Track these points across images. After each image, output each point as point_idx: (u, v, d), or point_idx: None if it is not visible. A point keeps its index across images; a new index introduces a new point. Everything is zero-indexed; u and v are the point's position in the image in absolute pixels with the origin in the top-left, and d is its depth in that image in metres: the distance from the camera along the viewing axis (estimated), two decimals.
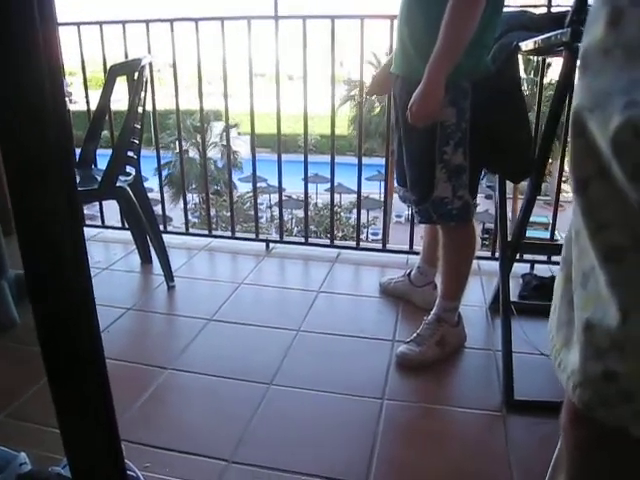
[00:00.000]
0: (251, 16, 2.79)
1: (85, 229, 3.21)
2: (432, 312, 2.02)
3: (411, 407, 1.74)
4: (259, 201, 21.02)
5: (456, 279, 2.01)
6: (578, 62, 0.60)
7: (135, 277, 2.72)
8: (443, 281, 2.02)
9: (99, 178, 2.45)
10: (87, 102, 3.02)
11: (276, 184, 3.02)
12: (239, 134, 20.70)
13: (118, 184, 2.31)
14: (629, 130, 0.49)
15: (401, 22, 1.82)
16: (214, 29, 2.88)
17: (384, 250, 2.90)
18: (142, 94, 2.36)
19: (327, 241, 3.05)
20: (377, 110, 23.37)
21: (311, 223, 17.58)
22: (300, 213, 16.48)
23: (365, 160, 3.04)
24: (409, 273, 2.41)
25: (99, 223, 3.33)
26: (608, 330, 0.57)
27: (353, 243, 3.01)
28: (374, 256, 2.91)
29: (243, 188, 17.97)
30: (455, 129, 1.76)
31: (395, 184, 2.31)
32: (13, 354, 2.06)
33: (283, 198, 3.23)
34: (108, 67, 2.50)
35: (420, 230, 2.42)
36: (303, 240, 3.02)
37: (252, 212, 16.48)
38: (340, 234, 16.38)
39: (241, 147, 19.21)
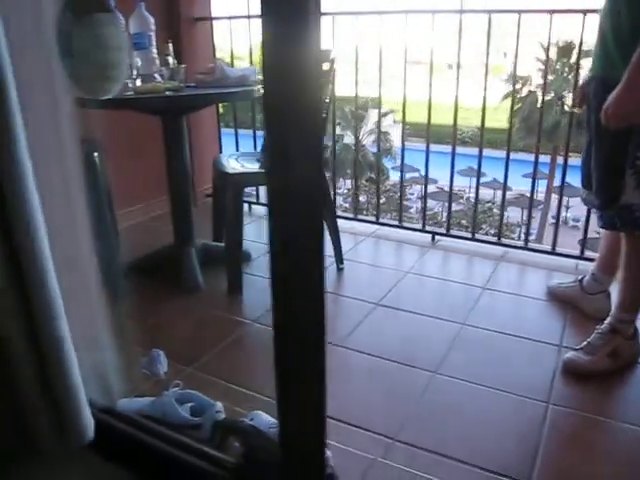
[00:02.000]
0: (436, 10, 2.82)
1: (257, 207, 3.44)
2: (606, 321, 1.95)
3: (577, 415, 1.71)
4: (410, 191, 21.05)
5: (636, 290, 1.93)
6: None
7: None
8: (621, 291, 1.94)
9: None
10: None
11: (430, 175, 3.04)
12: (394, 122, 20.68)
13: None
14: None
15: (603, 14, 1.72)
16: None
17: (553, 253, 2.82)
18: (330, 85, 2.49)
19: (494, 238, 3.03)
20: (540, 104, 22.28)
21: (464, 218, 17.22)
22: (454, 206, 16.22)
23: (524, 156, 2.98)
24: (581, 279, 2.33)
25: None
26: None
27: (521, 242, 2.96)
28: (541, 258, 2.85)
29: (396, 176, 17.99)
30: None
31: (580, 185, 2.23)
32: (197, 315, 2.30)
33: (435, 190, 3.27)
34: None
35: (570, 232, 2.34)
36: (470, 235, 3.02)
37: (405, 202, 16.49)
38: (492, 231, 15.90)
39: (397, 135, 19.19)
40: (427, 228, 3.14)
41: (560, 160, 18.49)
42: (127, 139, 2.87)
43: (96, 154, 2.10)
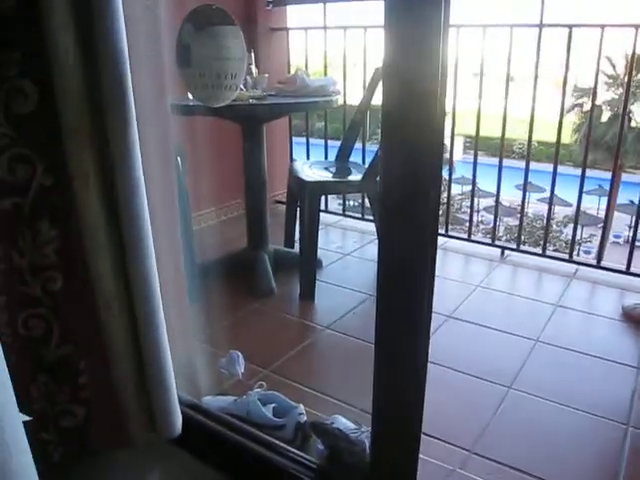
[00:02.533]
0: (543, 24, 2.75)
1: (325, 215, 3.48)
2: None
3: None
4: (467, 204, 20.73)
5: None
6: None
7: (374, 265, 2.90)
8: None
9: (354, 171, 2.66)
10: (344, 98, 3.26)
11: (486, 189, 3.02)
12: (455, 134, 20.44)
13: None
14: None
15: None
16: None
17: (627, 273, 2.76)
18: None
19: (565, 255, 2.98)
20: (604, 119, 21.66)
21: (522, 233, 16.84)
22: (511, 220, 15.91)
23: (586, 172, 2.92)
24: None
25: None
26: None
27: (593, 260, 2.91)
28: (614, 277, 2.78)
29: (454, 189, 17.80)
30: None
31: None
32: (272, 319, 2.35)
33: (492, 204, 3.23)
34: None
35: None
36: (540, 251, 2.98)
37: (459, 215, 16.30)
38: (552, 248, 15.54)
39: (455, 147, 18.98)
40: (496, 242, 3.11)
41: (625, 177, 17.88)
42: (204, 143, 2.95)
43: (179, 158, 2.18)
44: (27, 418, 1.03)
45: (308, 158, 3.42)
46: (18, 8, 0.86)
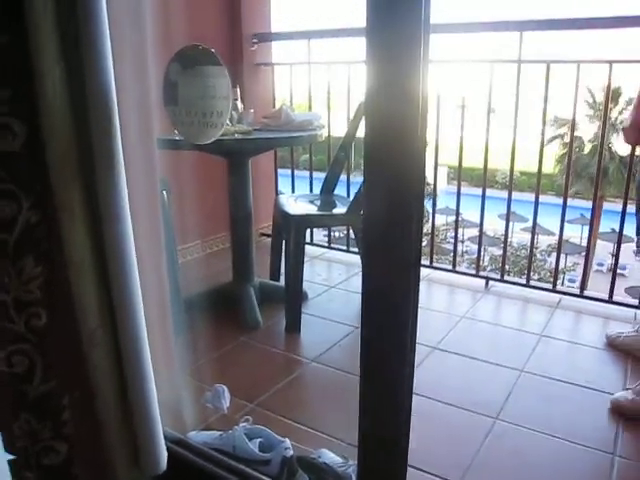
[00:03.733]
0: (522, 60, 2.80)
1: (310, 248, 3.50)
2: None
3: None
4: (451, 234, 20.90)
5: None
6: None
7: (359, 297, 2.90)
8: None
9: (339, 204, 2.69)
10: (329, 131, 3.30)
11: (470, 218, 3.05)
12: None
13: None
14: None
15: None
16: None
17: (610, 301, 2.79)
18: None
19: (549, 285, 3.01)
20: (587, 150, 22.06)
21: (507, 262, 16.95)
22: (495, 250, 16.02)
23: (568, 202, 2.97)
24: None
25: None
26: None
27: (576, 290, 2.94)
28: (598, 306, 2.81)
29: (438, 220, 17.92)
30: None
31: (634, 235, 2.24)
32: (258, 352, 2.34)
33: (476, 234, 3.27)
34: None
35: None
36: (524, 282, 3.01)
37: (444, 245, 16.40)
38: (536, 277, 15.66)
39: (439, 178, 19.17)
40: (481, 273, 3.14)
41: (607, 206, 18.11)
42: (189, 176, 2.97)
43: (164, 191, 2.19)
44: (11, 457, 1.02)
45: (293, 191, 3.45)
46: (9, 46, 0.88)
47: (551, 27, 2.75)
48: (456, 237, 3.48)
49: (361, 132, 2.65)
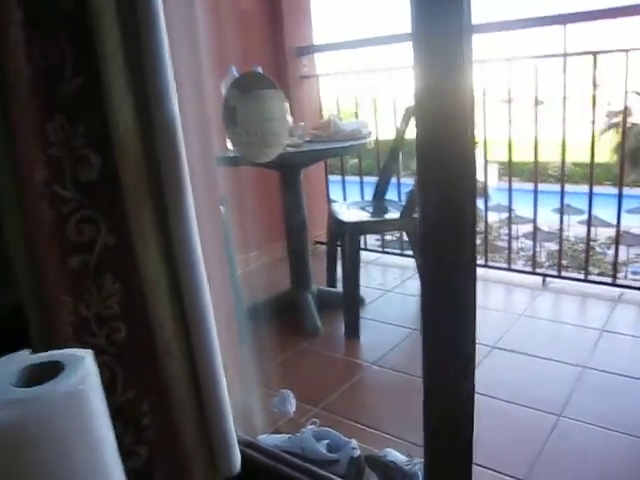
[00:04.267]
0: (568, 53, 2.81)
1: (364, 253, 3.54)
2: None
3: None
4: (505, 231, 20.49)
5: None
6: None
7: (415, 300, 2.93)
8: None
9: (391, 209, 2.73)
10: (376, 136, 3.33)
11: (523, 214, 3.02)
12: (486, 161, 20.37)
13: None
14: None
15: None
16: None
17: None
18: None
19: (608, 279, 2.96)
20: None
21: (564, 258, 16.53)
22: (552, 246, 15.64)
23: (627, 191, 2.90)
24: None
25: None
26: None
27: (639, 283, 2.88)
28: None
29: (490, 217, 17.63)
30: None
31: None
32: (319, 357, 2.41)
33: (531, 230, 3.22)
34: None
35: None
36: (582, 277, 2.97)
37: (498, 242, 16.10)
38: (596, 271, 15.22)
39: (489, 175, 18.87)
40: (537, 270, 3.11)
41: None
42: (245, 190, 3.07)
43: (223, 207, 2.28)
44: None
45: (344, 197, 3.51)
46: (85, 87, 0.97)
47: (594, 17, 2.71)
48: (510, 234, 3.45)
49: (409, 135, 2.69)
